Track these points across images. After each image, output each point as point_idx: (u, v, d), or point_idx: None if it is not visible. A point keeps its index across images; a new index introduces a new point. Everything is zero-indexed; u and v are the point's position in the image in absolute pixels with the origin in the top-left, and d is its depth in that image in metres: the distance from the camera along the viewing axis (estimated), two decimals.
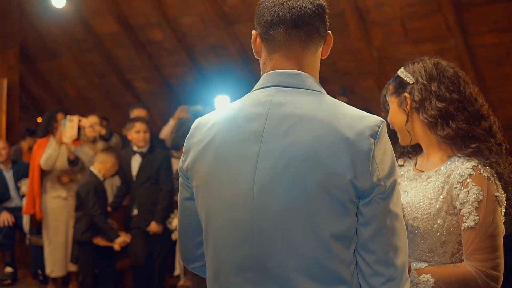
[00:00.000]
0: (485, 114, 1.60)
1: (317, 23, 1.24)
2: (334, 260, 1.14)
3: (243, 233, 1.18)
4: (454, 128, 1.58)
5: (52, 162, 4.50)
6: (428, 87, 1.62)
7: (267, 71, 1.27)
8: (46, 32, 6.92)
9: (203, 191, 1.25)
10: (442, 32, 4.65)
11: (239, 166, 1.18)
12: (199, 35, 5.92)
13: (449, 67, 1.65)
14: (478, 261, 1.49)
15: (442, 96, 1.60)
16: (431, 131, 1.64)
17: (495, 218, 1.49)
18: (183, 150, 1.33)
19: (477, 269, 1.49)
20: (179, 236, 1.41)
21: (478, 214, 1.50)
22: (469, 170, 1.53)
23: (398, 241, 1.16)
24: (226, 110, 1.28)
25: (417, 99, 1.63)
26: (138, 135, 4.28)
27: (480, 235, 1.49)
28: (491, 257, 1.48)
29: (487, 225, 1.49)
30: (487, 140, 1.57)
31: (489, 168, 1.53)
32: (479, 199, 1.50)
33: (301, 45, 1.24)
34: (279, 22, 1.22)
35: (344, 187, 1.11)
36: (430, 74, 1.63)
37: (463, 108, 1.59)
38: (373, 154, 1.12)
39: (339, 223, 1.13)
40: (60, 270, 4.59)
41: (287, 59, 1.25)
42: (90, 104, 7.72)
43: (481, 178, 1.52)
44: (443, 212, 1.55)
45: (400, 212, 1.18)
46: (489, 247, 1.49)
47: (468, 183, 1.52)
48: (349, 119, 1.16)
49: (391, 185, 1.15)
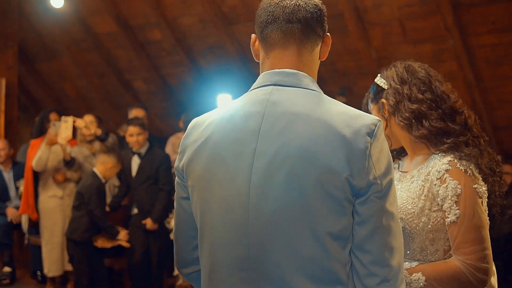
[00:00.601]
0: (459, 109, 1.64)
1: (312, 22, 1.25)
2: (331, 260, 1.14)
3: (239, 232, 1.17)
4: (428, 127, 1.61)
5: (42, 163, 4.50)
6: (400, 90, 1.66)
7: (265, 71, 1.28)
8: (45, 32, 6.92)
9: (199, 190, 1.25)
10: (441, 33, 4.65)
11: (236, 164, 1.18)
12: (198, 35, 5.92)
13: (421, 68, 1.69)
14: (465, 254, 1.50)
15: (414, 97, 1.64)
16: (408, 133, 1.68)
17: (476, 210, 1.51)
18: (179, 149, 1.33)
19: (464, 262, 1.50)
20: (175, 237, 1.40)
21: (458, 207, 1.52)
22: (445, 165, 1.56)
23: (393, 241, 1.16)
24: (223, 110, 1.28)
25: (392, 103, 1.68)
26: (131, 139, 4.30)
27: (463, 228, 1.50)
28: (477, 249, 1.49)
29: (469, 218, 1.50)
30: (463, 134, 1.60)
31: (465, 161, 1.55)
32: (458, 193, 1.52)
33: (295, 42, 1.25)
34: (273, 20, 1.24)
35: (340, 185, 1.11)
36: (402, 78, 1.68)
37: (436, 106, 1.62)
38: (370, 152, 1.13)
39: (335, 221, 1.13)
40: (57, 269, 4.59)
41: (283, 57, 1.25)
42: (90, 104, 7.71)
43: (457, 172, 1.54)
44: (427, 210, 1.57)
45: (396, 211, 1.18)
46: (474, 240, 1.50)
47: (446, 178, 1.55)
48: (346, 118, 1.16)
49: (387, 184, 1.15)
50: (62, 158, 4.50)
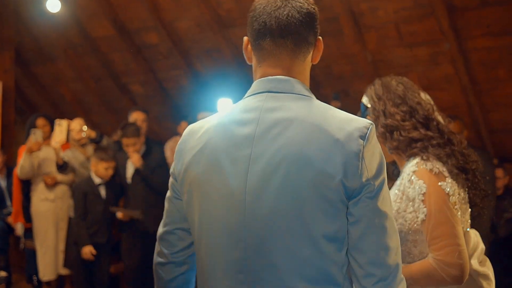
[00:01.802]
0: (431, 116, 1.72)
1: (305, 32, 1.27)
2: (327, 262, 1.16)
3: (236, 235, 1.20)
4: (397, 138, 1.70)
5: (25, 171, 4.46)
6: (376, 107, 1.78)
7: (257, 78, 1.31)
8: (42, 36, 6.92)
9: (196, 196, 1.27)
10: (436, 36, 4.67)
11: (231, 169, 1.21)
12: (195, 39, 5.93)
13: (396, 82, 1.80)
14: (435, 250, 1.54)
15: (388, 111, 1.74)
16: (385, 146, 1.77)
17: (442, 207, 1.55)
18: (175, 155, 1.35)
19: (435, 259, 1.54)
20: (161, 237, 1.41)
21: (425, 205, 1.57)
22: (413, 167, 1.64)
23: (389, 240, 1.18)
24: (219, 117, 1.32)
25: (372, 120, 1.77)
26: (128, 149, 4.28)
27: (431, 225, 1.55)
28: (446, 244, 1.53)
29: (436, 214, 1.55)
30: (433, 138, 1.67)
31: (432, 161, 1.61)
32: (423, 192, 1.58)
33: (288, 54, 1.28)
34: (266, 31, 1.26)
35: (334, 187, 1.14)
36: (377, 95, 1.79)
37: (410, 117, 1.72)
38: (362, 154, 1.15)
39: (330, 223, 1.15)
40: (51, 273, 4.58)
41: (276, 67, 1.28)
42: (86, 108, 7.71)
43: (423, 171, 1.61)
44: (402, 212, 1.63)
45: (389, 211, 1.20)
46: (442, 235, 1.54)
47: (413, 179, 1.62)
48: (339, 121, 1.19)
49: (380, 185, 1.18)
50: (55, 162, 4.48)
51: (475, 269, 1.66)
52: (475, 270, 1.66)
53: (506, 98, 4.85)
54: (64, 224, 4.56)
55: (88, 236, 4.09)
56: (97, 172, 4.21)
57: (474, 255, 1.68)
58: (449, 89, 4.92)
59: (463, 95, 4.95)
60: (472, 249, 1.68)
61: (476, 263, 1.68)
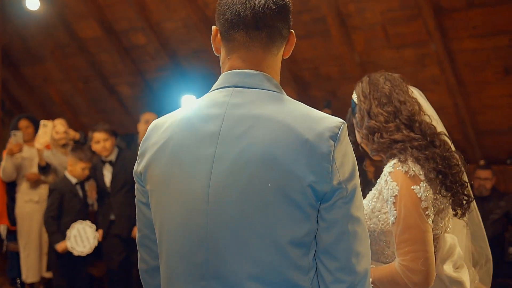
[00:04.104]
0: (414, 117, 1.66)
1: (280, 25, 1.20)
2: (291, 267, 1.10)
3: (198, 239, 1.13)
4: (377, 141, 1.65)
5: (8, 173, 4.45)
6: (362, 106, 1.72)
7: (225, 71, 1.23)
8: (29, 37, 6.87)
9: (157, 196, 1.20)
10: (423, 37, 4.65)
11: (194, 169, 1.14)
12: (182, 40, 5.89)
13: (386, 80, 1.72)
14: (401, 255, 1.50)
15: (372, 112, 1.68)
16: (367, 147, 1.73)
17: (412, 211, 1.49)
18: (138, 153, 1.27)
19: (400, 263, 1.49)
20: (139, 244, 1.34)
21: (396, 208, 1.52)
22: (389, 168, 1.59)
23: (360, 246, 1.12)
24: (183, 111, 1.24)
25: (358, 119, 1.74)
26: (98, 146, 4.23)
27: (400, 228, 1.50)
28: (412, 249, 1.47)
29: (404, 218, 1.49)
30: (415, 139, 1.61)
31: (408, 164, 1.55)
32: (395, 194, 1.53)
33: (261, 47, 1.20)
34: (240, 22, 1.18)
35: (302, 191, 1.07)
36: (364, 93, 1.73)
37: (394, 117, 1.66)
38: (333, 156, 1.09)
39: (297, 228, 1.09)
40: (34, 276, 4.52)
41: (246, 59, 1.20)
42: (75, 109, 7.66)
43: (398, 173, 1.56)
44: (377, 212, 1.58)
45: (362, 216, 1.14)
46: (409, 240, 1.48)
47: (388, 180, 1.57)
48: (308, 121, 1.12)
49: (352, 189, 1.11)
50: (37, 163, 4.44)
51: (448, 275, 1.60)
52: (448, 276, 1.60)
53: (493, 100, 4.84)
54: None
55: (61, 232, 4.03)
56: (73, 172, 4.14)
57: (448, 260, 1.62)
58: (436, 90, 4.90)
59: (450, 96, 4.93)
60: (447, 254, 1.62)
61: (450, 268, 1.61)
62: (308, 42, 5.03)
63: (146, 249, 1.33)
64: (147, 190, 1.24)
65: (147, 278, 1.35)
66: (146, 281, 1.36)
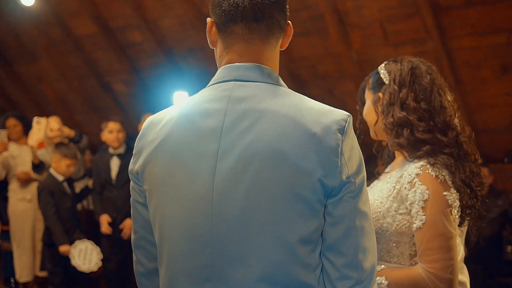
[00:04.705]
0: (452, 125, 1.58)
1: (278, 15, 1.16)
2: (300, 266, 1.06)
3: (202, 239, 1.08)
4: (407, 136, 1.56)
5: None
6: (396, 93, 1.59)
7: (223, 65, 1.19)
8: (24, 34, 6.81)
9: (156, 195, 1.15)
10: (421, 35, 4.63)
11: (196, 166, 1.09)
12: (178, 37, 5.85)
13: (427, 73, 1.61)
14: (428, 262, 1.45)
15: (407, 104, 1.58)
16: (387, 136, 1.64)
17: (443, 218, 1.45)
18: (134, 151, 1.22)
19: (427, 270, 1.45)
20: (134, 245, 1.29)
21: (424, 213, 1.46)
22: (416, 169, 1.51)
23: (367, 242, 1.09)
24: (181, 107, 1.19)
25: (385, 102, 1.62)
26: (111, 135, 4.20)
27: (428, 235, 1.45)
28: (441, 258, 1.44)
29: (435, 225, 1.45)
30: (448, 146, 1.54)
31: (439, 168, 1.50)
32: (425, 198, 1.47)
33: (261, 39, 1.16)
34: (238, 14, 1.14)
35: (312, 186, 1.04)
36: (403, 79, 1.60)
37: (429, 118, 1.57)
38: (341, 150, 1.06)
39: (306, 225, 1.05)
40: (27, 275, 4.48)
41: (245, 53, 1.17)
42: (70, 107, 7.60)
43: (428, 177, 1.49)
44: (393, 211, 1.53)
45: (369, 211, 1.11)
46: (439, 248, 1.44)
47: (415, 183, 1.50)
48: (315, 114, 1.09)
49: (360, 183, 1.09)
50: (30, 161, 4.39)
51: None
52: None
53: (490, 99, 4.82)
54: (41, 225, 4.45)
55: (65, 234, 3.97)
56: (58, 169, 4.07)
57: None
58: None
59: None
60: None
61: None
62: (305, 40, 5.00)
63: (143, 251, 1.27)
64: (144, 189, 1.20)
65: (144, 281, 1.31)
66: (143, 284, 1.31)
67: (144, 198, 1.21)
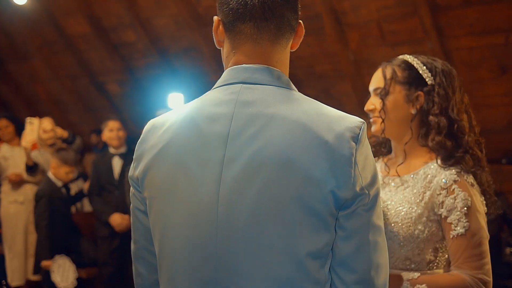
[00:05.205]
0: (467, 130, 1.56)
1: (289, 15, 1.09)
2: (309, 282, 0.99)
3: (206, 252, 1.01)
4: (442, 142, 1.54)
5: None
6: (448, 97, 1.55)
7: (230, 66, 1.11)
8: (16, 33, 6.73)
9: (157, 204, 1.08)
10: (419, 35, 4.59)
11: (201, 174, 1.02)
12: (173, 37, 5.79)
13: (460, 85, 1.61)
14: (473, 268, 1.45)
15: (451, 107, 1.56)
16: (420, 137, 1.58)
17: (484, 224, 1.48)
18: (134, 156, 1.15)
19: (474, 277, 1.45)
20: (134, 255, 1.21)
21: (468, 220, 1.46)
22: (453, 176, 1.50)
23: (380, 258, 1.03)
24: (184, 110, 1.11)
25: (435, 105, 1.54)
26: (111, 134, 4.14)
27: (472, 242, 1.45)
28: (483, 263, 1.46)
29: (477, 231, 1.46)
30: (467, 152, 1.54)
31: (471, 176, 1.52)
32: (468, 205, 1.46)
33: (270, 40, 1.09)
34: (247, 12, 1.06)
35: (323, 198, 0.97)
36: (453, 84, 1.56)
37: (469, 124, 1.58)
38: (355, 159, 0.99)
39: (316, 239, 0.98)
40: (19, 278, 4.40)
41: (253, 54, 1.09)
42: (63, 107, 7.52)
43: (465, 184, 1.49)
44: (424, 218, 1.52)
45: (382, 225, 1.04)
46: (481, 254, 1.46)
47: (454, 189, 1.48)
48: (327, 120, 1.01)
49: (374, 195, 1.02)
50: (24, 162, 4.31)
51: None
52: None
53: (488, 99, 4.80)
54: (33, 228, 4.38)
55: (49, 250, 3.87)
56: (57, 175, 4.00)
57: None
58: None
59: None
60: None
61: None
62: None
63: (143, 262, 1.20)
64: (145, 197, 1.13)
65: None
66: None
67: (145, 206, 1.13)
